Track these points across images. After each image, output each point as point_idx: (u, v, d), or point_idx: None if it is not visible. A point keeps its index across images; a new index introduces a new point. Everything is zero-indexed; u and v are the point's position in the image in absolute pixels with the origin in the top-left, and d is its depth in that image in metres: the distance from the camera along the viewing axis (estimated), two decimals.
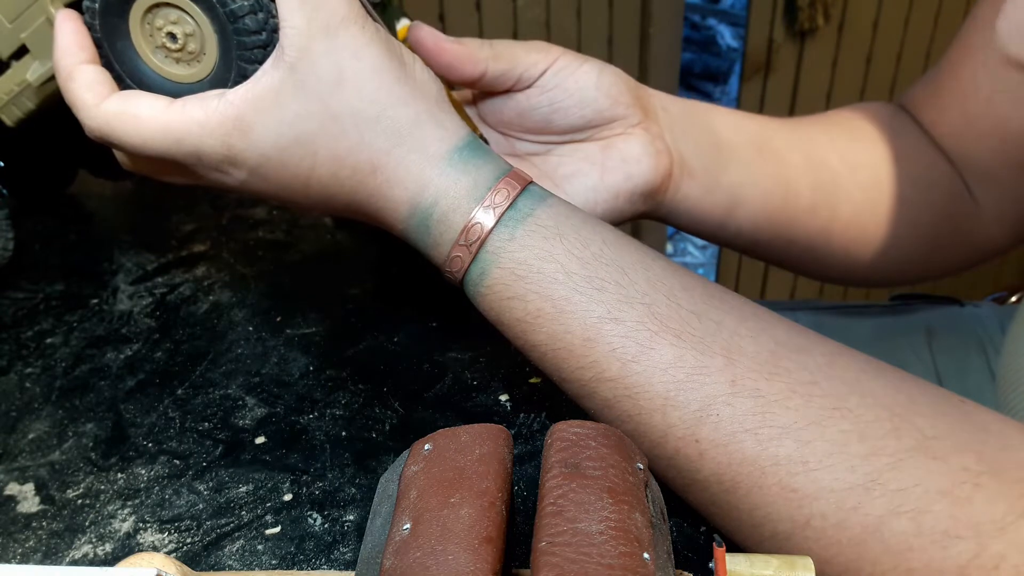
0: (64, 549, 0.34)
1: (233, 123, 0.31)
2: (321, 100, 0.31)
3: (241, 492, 0.37)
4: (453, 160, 0.31)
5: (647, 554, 0.23)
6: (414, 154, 0.31)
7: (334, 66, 0.30)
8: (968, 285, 1.92)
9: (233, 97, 0.31)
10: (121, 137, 0.32)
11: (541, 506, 0.24)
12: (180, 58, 0.34)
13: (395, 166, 0.31)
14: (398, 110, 0.31)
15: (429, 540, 0.23)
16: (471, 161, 0.31)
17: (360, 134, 0.31)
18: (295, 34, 0.30)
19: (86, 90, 0.32)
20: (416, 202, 0.31)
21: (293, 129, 0.31)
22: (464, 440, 0.27)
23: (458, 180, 0.31)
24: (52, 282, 0.52)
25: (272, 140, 0.31)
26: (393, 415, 0.40)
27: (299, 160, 0.31)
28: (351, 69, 0.31)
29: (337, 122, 0.31)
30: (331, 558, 0.33)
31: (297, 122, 0.31)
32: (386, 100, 0.31)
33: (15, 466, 0.39)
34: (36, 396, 0.43)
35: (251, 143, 0.31)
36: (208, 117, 0.31)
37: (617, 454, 0.26)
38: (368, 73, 0.31)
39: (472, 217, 0.31)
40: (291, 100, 0.31)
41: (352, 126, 0.31)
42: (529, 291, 0.31)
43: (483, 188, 0.31)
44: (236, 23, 0.32)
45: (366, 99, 0.31)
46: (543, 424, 0.39)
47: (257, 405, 0.42)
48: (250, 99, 0.31)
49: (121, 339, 0.47)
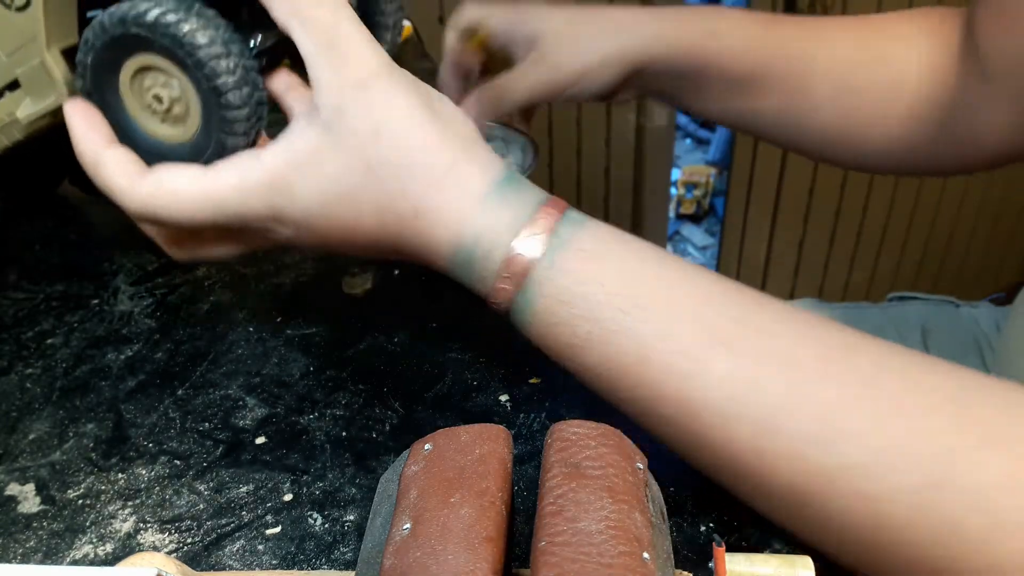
0: (65, 549, 0.34)
1: (273, 184, 0.31)
2: (360, 154, 0.31)
3: (241, 492, 0.37)
4: (492, 196, 0.32)
5: (647, 554, 0.23)
6: (454, 195, 0.32)
7: (369, 119, 0.31)
8: (968, 285, 1.92)
9: (269, 159, 0.32)
10: (163, 214, 0.32)
11: (541, 506, 0.24)
12: (165, 119, 0.35)
13: (437, 208, 0.32)
14: (435, 154, 0.31)
15: (429, 540, 0.23)
16: (509, 195, 0.32)
17: (401, 182, 0.31)
18: (328, 93, 0.31)
19: (118, 176, 0.33)
20: (459, 241, 0.32)
21: (335, 185, 0.31)
22: (464, 440, 0.27)
23: (498, 215, 0.31)
24: (52, 282, 0.52)
25: (315, 197, 0.32)
26: (393, 415, 0.41)
27: (344, 213, 0.32)
28: (385, 120, 0.31)
29: (377, 173, 0.31)
30: (331, 558, 0.33)
31: (339, 178, 0.31)
32: (423, 145, 0.31)
33: (16, 466, 0.39)
34: (37, 396, 0.43)
35: (294, 201, 0.32)
36: (245, 181, 0.32)
37: (617, 454, 0.26)
38: (402, 121, 0.31)
39: (514, 250, 0.31)
40: (330, 158, 0.31)
41: (392, 175, 0.31)
42: (575, 316, 0.31)
43: (522, 220, 0.31)
44: (220, 98, 0.32)
45: (403, 147, 0.31)
46: (543, 424, 0.39)
47: (257, 405, 0.42)
48: (289, 160, 0.31)
49: (122, 339, 0.47)
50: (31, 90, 0.39)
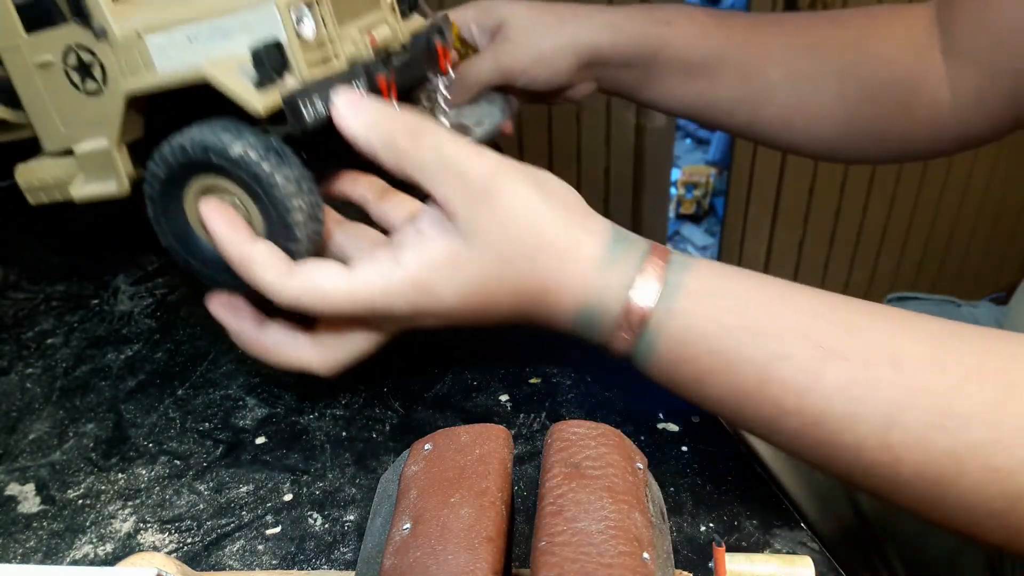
0: (65, 549, 0.34)
1: (416, 286, 0.34)
2: (494, 252, 0.34)
3: (241, 492, 0.37)
4: (606, 259, 0.34)
5: (647, 554, 0.23)
6: (575, 267, 0.34)
7: (496, 221, 0.33)
8: (968, 285, 1.92)
9: (409, 263, 0.34)
10: (312, 309, 0.35)
11: (541, 506, 0.24)
12: None
13: (561, 281, 0.34)
14: (556, 235, 0.34)
15: (429, 540, 0.23)
16: (619, 252, 0.34)
17: (530, 265, 0.34)
18: (456, 209, 0.33)
19: (268, 271, 0.35)
20: (581, 304, 0.34)
21: (473, 283, 0.34)
22: (464, 440, 0.27)
23: (613, 275, 0.34)
24: (53, 282, 0.52)
25: (455, 294, 0.34)
26: (393, 415, 0.41)
27: (482, 302, 0.35)
28: (510, 216, 0.34)
29: (510, 264, 0.34)
30: (331, 558, 0.33)
31: (476, 277, 0.34)
32: (544, 228, 0.34)
33: (16, 466, 0.39)
34: (37, 396, 0.43)
35: (437, 300, 0.35)
36: (389, 283, 0.34)
37: (617, 454, 0.26)
38: (524, 212, 0.34)
39: (630, 300, 0.33)
40: (467, 262, 0.34)
41: (523, 261, 0.34)
42: (695, 354, 0.33)
43: (634, 273, 0.34)
44: (287, 228, 0.35)
45: (529, 236, 0.34)
46: (543, 424, 0.39)
47: (257, 405, 0.42)
48: (426, 265, 0.34)
49: (122, 339, 0.47)
50: (88, 170, 0.40)
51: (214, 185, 0.36)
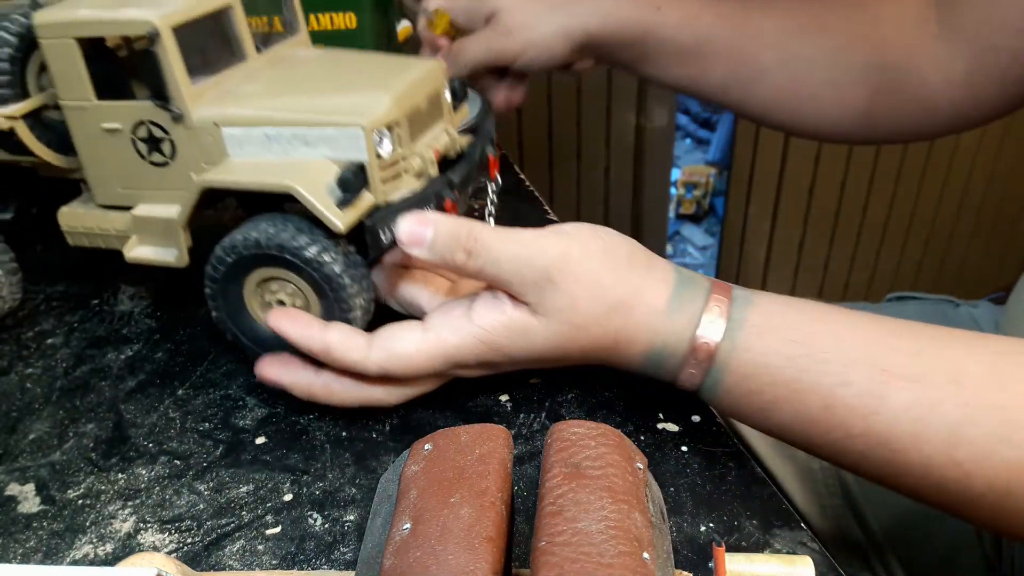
0: (65, 549, 0.34)
1: (486, 344, 0.36)
2: (564, 325, 0.35)
3: (241, 492, 0.37)
4: (672, 305, 0.35)
5: (647, 554, 0.23)
6: (643, 317, 0.35)
7: (564, 299, 0.35)
8: (968, 285, 1.92)
9: (482, 322, 0.36)
10: (398, 374, 0.37)
11: (541, 506, 0.24)
12: None
13: (632, 332, 0.36)
14: (622, 291, 0.35)
15: (429, 540, 0.23)
16: (685, 297, 0.36)
17: (601, 327, 0.35)
18: (527, 296, 0.35)
19: (350, 352, 0.37)
20: (649, 348, 0.36)
21: (541, 348, 0.36)
22: (464, 440, 0.27)
23: (679, 318, 0.35)
24: (53, 282, 0.52)
25: (526, 355, 0.36)
26: (393, 415, 0.41)
27: (552, 358, 0.37)
28: (578, 288, 0.35)
29: (582, 330, 0.35)
30: (331, 558, 0.33)
31: (547, 342, 0.36)
32: (609, 292, 0.35)
33: (16, 466, 0.39)
34: (37, 396, 0.43)
35: (506, 357, 0.37)
36: (463, 339, 0.36)
37: (617, 454, 0.26)
38: (589, 281, 0.35)
39: (697, 339, 0.35)
40: (537, 332, 0.36)
41: (594, 324, 0.35)
42: (760, 385, 0.34)
43: (699, 314, 0.35)
44: (331, 284, 0.37)
45: (598, 300, 0.35)
46: (543, 424, 0.39)
47: (257, 405, 0.42)
48: (499, 328, 0.36)
49: (122, 339, 0.47)
50: (145, 233, 0.42)
51: (277, 275, 0.38)
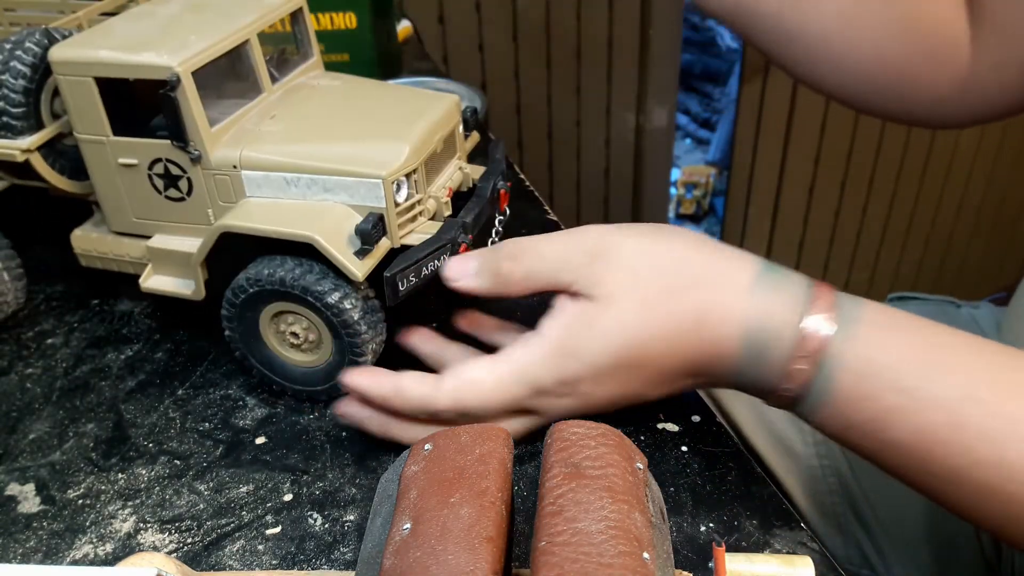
0: (65, 549, 0.34)
1: (556, 350, 0.34)
2: (627, 299, 0.33)
3: (241, 492, 0.37)
4: (760, 283, 0.32)
5: (647, 554, 0.23)
6: (727, 290, 0.32)
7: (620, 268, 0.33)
8: (968, 285, 1.92)
9: (547, 331, 0.34)
10: (473, 404, 0.35)
11: (541, 506, 0.24)
12: (300, 347, 0.40)
13: (716, 307, 0.32)
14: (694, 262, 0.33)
15: (429, 540, 0.23)
16: (777, 280, 0.33)
17: (674, 298, 0.33)
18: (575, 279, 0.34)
19: (422, 389, 0.35)
20: (746, 331, 0.32)
21: (618, 339, 0.33)
22: (464, 440, 0.27)
23: (775, 300, 0.32)
24: (53, 282, 0.52)
25: (599, 351, 0.33)
26: None
27: (632, 354, 0.33)
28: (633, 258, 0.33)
29: (650, 306, 0.33)
30: (331, 558, 0.33)
31: (620, 333, 0.33)
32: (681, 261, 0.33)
33: (16, 466, 0.39)
34: (37, 396, 0.43)
35: (580, 362, 0.34)
36: (534, 353, 0.34)
37: (617, 454, 0.26)
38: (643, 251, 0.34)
39: (805, 329, 0.31)
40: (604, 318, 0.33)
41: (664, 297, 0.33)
42: (879, 388, 0.30)
43: (802, 299, 0.32)
44: (348, 329, 0.38)
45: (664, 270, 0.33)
46: None
47: (257, 405, 0.42)
48: (563, 328, 0.34)
49: (122, 339, 0.47)
50: (161, 264, 0.43)
51: (295, 310, 0.39)
